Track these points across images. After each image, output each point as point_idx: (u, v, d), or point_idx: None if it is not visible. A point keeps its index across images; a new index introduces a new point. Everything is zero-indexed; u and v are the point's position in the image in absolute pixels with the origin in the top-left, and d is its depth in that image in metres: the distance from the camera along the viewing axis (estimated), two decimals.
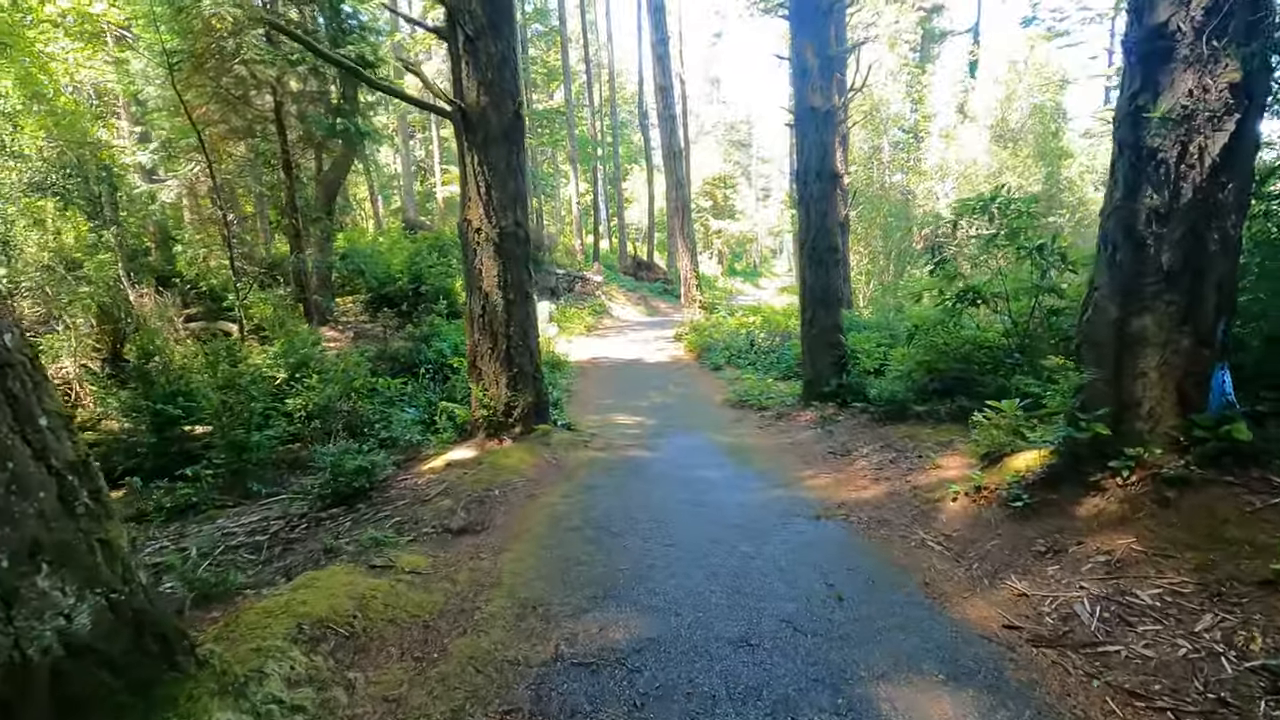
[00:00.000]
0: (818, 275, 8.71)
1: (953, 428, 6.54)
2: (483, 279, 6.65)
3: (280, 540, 4.94)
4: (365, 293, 17.14)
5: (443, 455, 6.72)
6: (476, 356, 6.89)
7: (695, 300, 17.47)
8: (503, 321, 6.69)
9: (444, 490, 5.64)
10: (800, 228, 8.88)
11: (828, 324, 8.78)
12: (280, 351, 8.60)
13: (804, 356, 9.16)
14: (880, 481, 5.42)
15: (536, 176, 29.36)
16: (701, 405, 10.18)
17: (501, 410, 6.81)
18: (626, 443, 7.51)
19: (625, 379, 12.71)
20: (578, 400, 10.72)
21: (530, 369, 6.96)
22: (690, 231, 17.51)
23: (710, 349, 14.38)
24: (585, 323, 18.84)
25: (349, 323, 16.73)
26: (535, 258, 21.43)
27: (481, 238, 6.57)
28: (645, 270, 27.59)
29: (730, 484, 5.75)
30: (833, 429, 7.74)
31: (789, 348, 13.21)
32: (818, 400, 8.79)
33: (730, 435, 8.06)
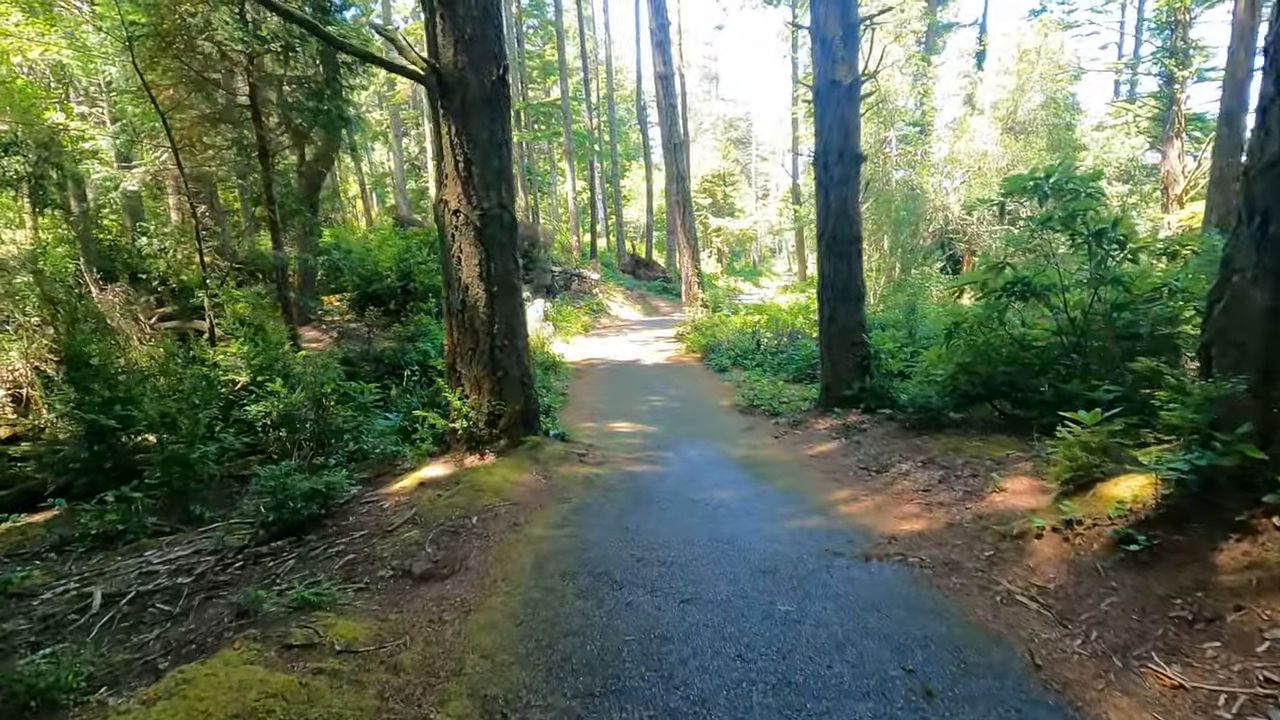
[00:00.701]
0: (838, 268, 7.78)
1: (1005, 440, 5.61)
2: (462, 269, 5.69)
3: (204, 585, 3.99)
4: (352, 290, 16.20)
5: (417, 472, 5.77)
6: (455, 359, 5.94)
7: (697, 298, 16.54)
8: (485, 319, 5.73)
9: (412, 517, 4.69)
10: (818, 216, 7.94)
11: (849, 322, 7.85)
12: (240, 353, 7.63)
13: (822, 357, 8.22)
14: (933, 508, 4.48)
15: (532, 173, 28.39)
16: (708, 411, 9.24)
17: (484, 420, 5.86)
18: (627, 456, 6.57)
19: (625, 381, 11.77)
20: (573, 405, 9.77)
21: (517, 373, 6.01)
22: (692, 227, 16.57)
23: (714, 349, 13.44)
24: (582, 322, 17.89)
25: (334, 322, 15.77)
26: (530, 254, 20.49)
27: (460, 221, 5.61)
28: (644, 268, 26.65)
29: (751, 509, 4.81)
30: (859, 439, 6.81)
31: (798, 348, 12.29)
32: (838, 406, 7.86)
33: (743, 446, 7.12)
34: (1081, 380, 5.48)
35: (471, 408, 5.83)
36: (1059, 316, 6.14)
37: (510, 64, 24.55)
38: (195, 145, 12.59)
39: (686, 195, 16.36)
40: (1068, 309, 5.96)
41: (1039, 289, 6.06)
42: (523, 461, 5.76)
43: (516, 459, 5.79)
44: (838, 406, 7.90)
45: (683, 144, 16.71)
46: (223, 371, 7.41)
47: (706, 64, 48.88)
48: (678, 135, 16.31)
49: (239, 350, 7.60)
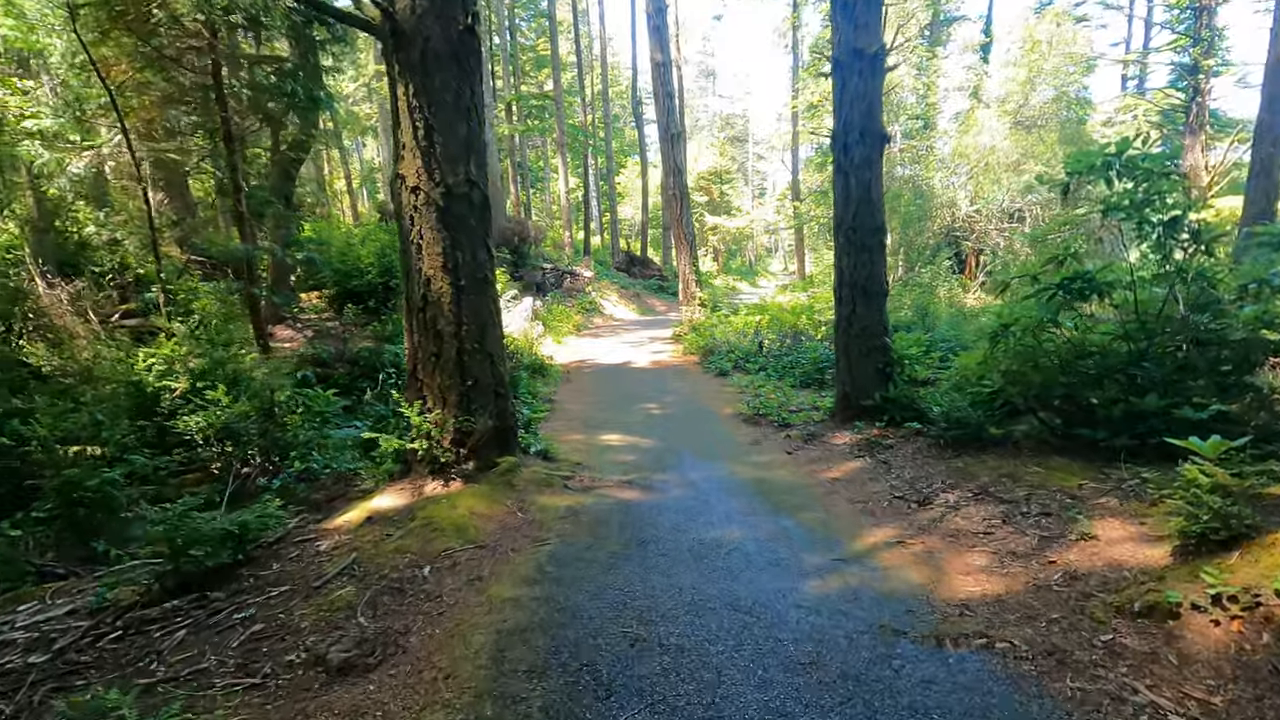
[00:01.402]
0: (859, 261, 6.81)
1: (1068, 465, 4.65)
2: (422, 258, 4.70)
3: (58, 670, 2.99)
4: (331, 287, 15.17)
5: (369, 500, 4.78)
6: (416, 365, 4.94)
7: (695, 297, 15.56)
8: (450, 318, 4.74)
9: (351, 566, 3.70)
10: (836, 203, 6.98)
11: (871, 322, 6.89)
12: (176, 355, 6.61)
13: (839, 362, 7.26)
14: (1004, 560, 3.52)
15: (524, 167, 27.34)
16: (709, 420, 8.27)
17: (450, 439, 4.87)
18: (620, 478, 5.58)
19: (618, 386, 10.78)
20: (561, 413, 8.78)
21: (491, 382, 5.01)
22: (689, 222, 15.60)
23: (713, 351, 12.46)
24: (574, 321, 16.88)
25: (310, 320, 14.73)
26: (520, 250, 19.51)
27: (419, 200, 4.61)
28: (639, 266, 25.66)
29: (772, 556, 3.83)
30: (886, 458, 5.85)
31: (804, 350, 11.34)
32: (858, 417, 6.91)
33: (752, 465, 6.15)
34: (1162, 394, 4.54)
35: (434, 424, 4.83)
36: (1125, 318, 5.20)
37: (503, 55, 23.40)
38: (155, 128, 11.54)
39: (684, 189, 15.38)
40: (1139, 310, 5.01)
41: (1103, 286, 5.10)
42: (495, 489, 4.77)
43: (487, 485, 4.79)
44: (857, 418, 6.95)
45: (680, 135, 15.73)
46: (155, 378, 6.38)
47: (704, 60, 47.85)
48: (675, 126, 15.32)
49: (173, 352, 6.57)
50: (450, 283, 4.69)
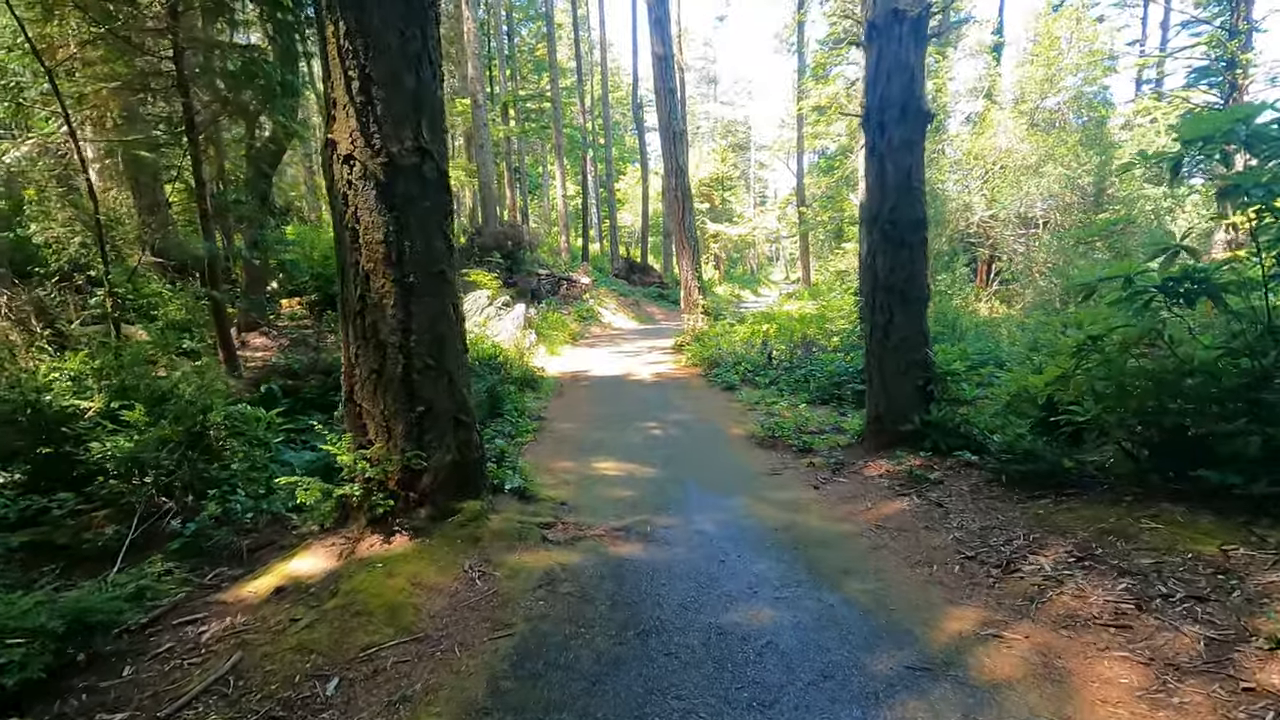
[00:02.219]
0: (897, 261, 5.72)
1: (1195, 518, 3.53)
2: (359, 249, 3.60)
3: None
4: (311, 293, 14.09)
5: (287, 562, 3.66)
6: (354, 386, 3.83)
7: (697, 305, 14.49)
8: (395, 324, 3.63)
9: (227, 675, 2.58)
10: (869, 193, 5.90)
11: (910, 333, 5.79)
12: (88, 369, 5.50)
13: (870, 379, 6.15)
14: (1164, 675, 2.39)
15: (520, 172, 26.33)
16: (718, 443, 7.15)
17: (395, 480, 3.76)
18: (611, 524, 4.46)
19: (616, 401, 9.67)
20: (550, 434, 7.67)
21: (449, 407, 3.90)
22: (691, 226, 14.54)
23: (719, 363, 11.36)
24: (570, 330, 15.79)
25: (288, 327, 13.64)
26: (515, 256, 18.46)
27: (355, 174, 3.52)
28: (639, 273, 24.59)
29: (822, 663, 2.70)
30: (938, 498, 4.74)
31: (817, 362, 10.24)
32: (895, 444, 5.80)
33: (773, 504, 5.03)
34: None
35: (376, 461, 3.72)
36: (1239, 328, 4.10)
37: (500, 58, 22.37)
38: (112, 117, 10.50)
39: (686, 190, 14.33)
40: (1271, 317, 3.91)
41: (1218, 287, 4.00)
42: (450, 545, 3.65)
43: (442, 541, 3.67)
44: (893, 444, 5.85)
45: (682, 134, 14.69)
46: (57, 396, 5.26)
47: (705, 66, 46.97)
48: (677, 124, 14.29)
49: (83, 365, 5.47)
50: (395, 280, 3.59)
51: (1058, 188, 16.03)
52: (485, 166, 17.26)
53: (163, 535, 4.72)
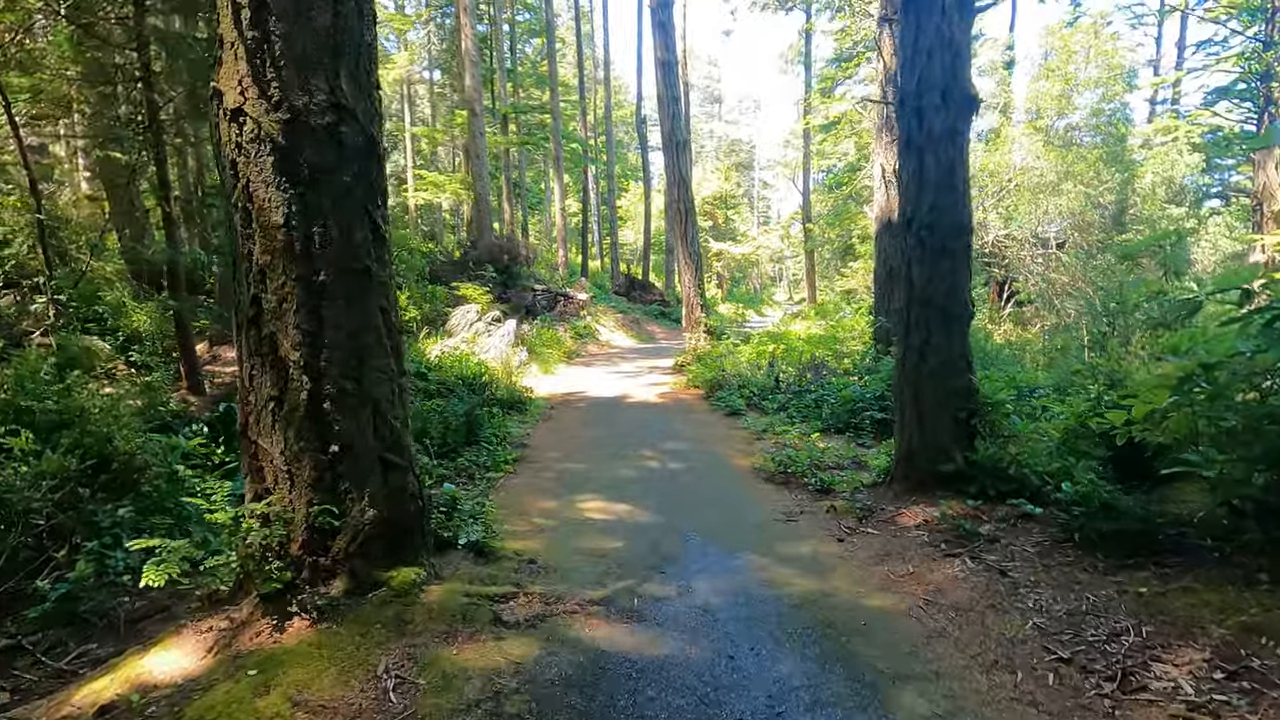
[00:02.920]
0: (936, 271, 4.79)
1: None
2: (253, 236, 2.68)
3: None
4: None
5: (143, 657, 2.69)
6: (249, 417, 2.88)
7: (700, 323, 13.57)
8: (301, 338, 2.71)
9: None
10: (904, 191, 4.99)
11: (951, 355, 4.85)
12: None
13: (903, 409, 5.18)
14: None
15: (520, 186, 25.59)
16: (723, 479, 6.19)
17: (299, 543, 2.80)
18: (591, 593, 3.48)
19: (609, 425, 8.70)
20: (531, 465, 6.70)
21: (374, 445, 2.96)
22: (694, 240, 13.67)
23: (722, 385, 10.41)
24: (565, 348, 14.87)
25: None
26: (510, 270, 17.59)
27: (246, 135, 2.63)
28: (640, 290, 23.72)
29: None
30: (998, 563, 3.76)
31: (829, 386, 9.29)
32: (937, 488, 4.83)
33: (793, 564, 4.05)
34: None
35: (279, 514, 2.77)
36: None
37: (500, 71, 21.71)
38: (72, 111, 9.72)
39: (689, 203, 13.49)
40: None
41: None
42: (366, 635, 2.68)
43: (355, 629, 2.70)
44: (932, 488, 4.87)
45: (686, 143, 13.90)
46: None
47: (710, 85, 46.59)
48: (680, 133, 13.50)
49: None
50: (299, 278, 2.67)
51: (1078, 206, 15.19)
52: (481, 178, 16.48)
53: (35, 597, 3.77)
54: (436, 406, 7.51)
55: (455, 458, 6.56)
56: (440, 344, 11.98)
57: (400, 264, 13.85)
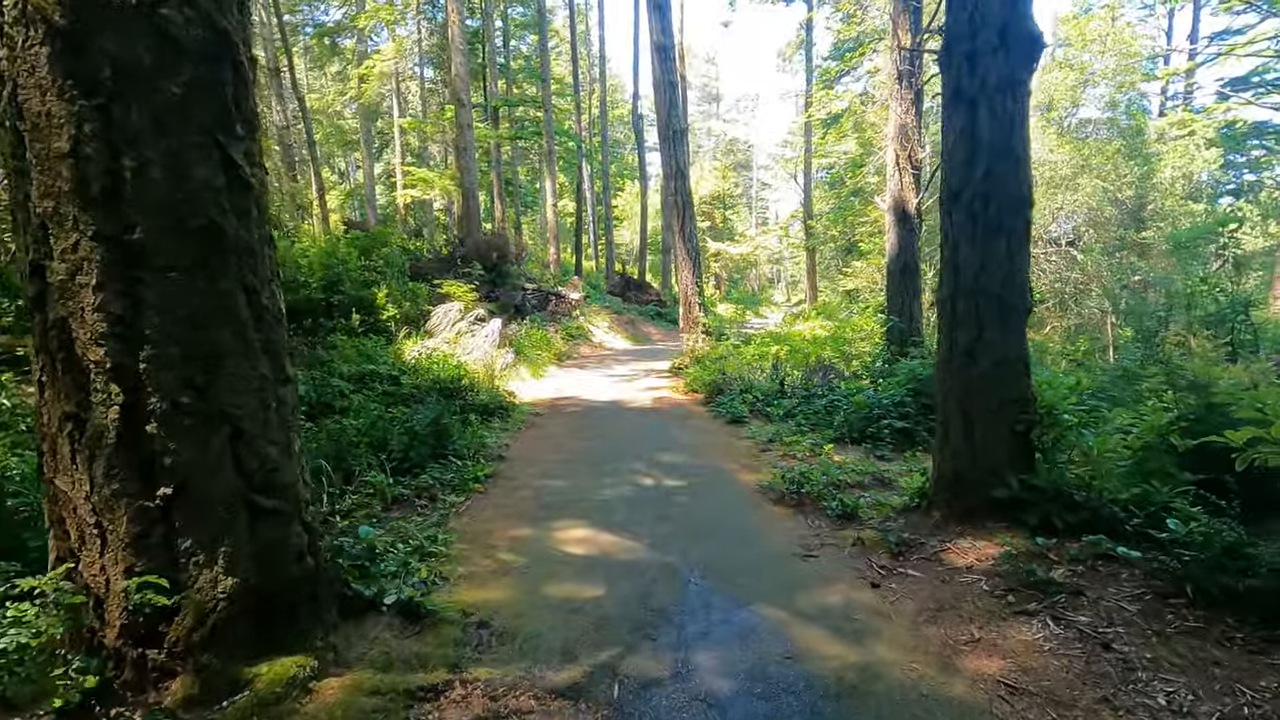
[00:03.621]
0: (989, 253, 3.88)
1: None
2: (28, 169, 1.74)
3: None
4: None
5: None
6: (45, 447, 1.94)
7: (698, 323, 12.67)
8: (109, 328, 1.78)
9: None
10: (948, 155, 4.07)
11: (1007, 355, 3.94)
12: None
13: (946, 420, 4.26)
14: None
15: (512, 184, 24.66)
16: (728, 500, 5.26)
17: (118, 625, 1.86)
18: (556, 674, 2.55)
19: (599, 434, 7.77)
20: (505, 485, 5.76)
21: (234, 481, 2.03)
22: (692, 235, 12.77)
23: (723, 389, 9.50)
24: (556, 349, 13.94)
25: None
26: (499, 268, 16.65)
27: (8, 14, 1.68)
28: (636, 290, 22.80)
29: None
30: (1093, 625, 2.86)
31: (841, 391, 8.38)
32: (989, 517, 3.93)
33: (821, 622, 3.13)
34: None
35: (94, 590, 1.84)
36: None
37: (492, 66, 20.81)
38: None
39: (687, 196, 12.59)
40: None
41: None
42: None
43: None
44: (983, 517, 3.97)
45: (683, 133, 13.00)
46: None
47: (707, 83, 45.70)
48: (677, 121, 12.60)
49: None
50: (99, 234, 1.73)
51: (1095, 201, 14.32)
52: (469, 172, 15.55)
53: None
54: (401, 415, 6.59)
55: (418, 474, 5.63)
56: (421, 345, 11.06)
57: (379, 260, 12.92)
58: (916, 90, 9.31)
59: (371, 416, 6.04)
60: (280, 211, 19.10)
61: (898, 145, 9.30)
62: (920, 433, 6.89)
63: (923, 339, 9.88)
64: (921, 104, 9.81)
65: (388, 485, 5.15)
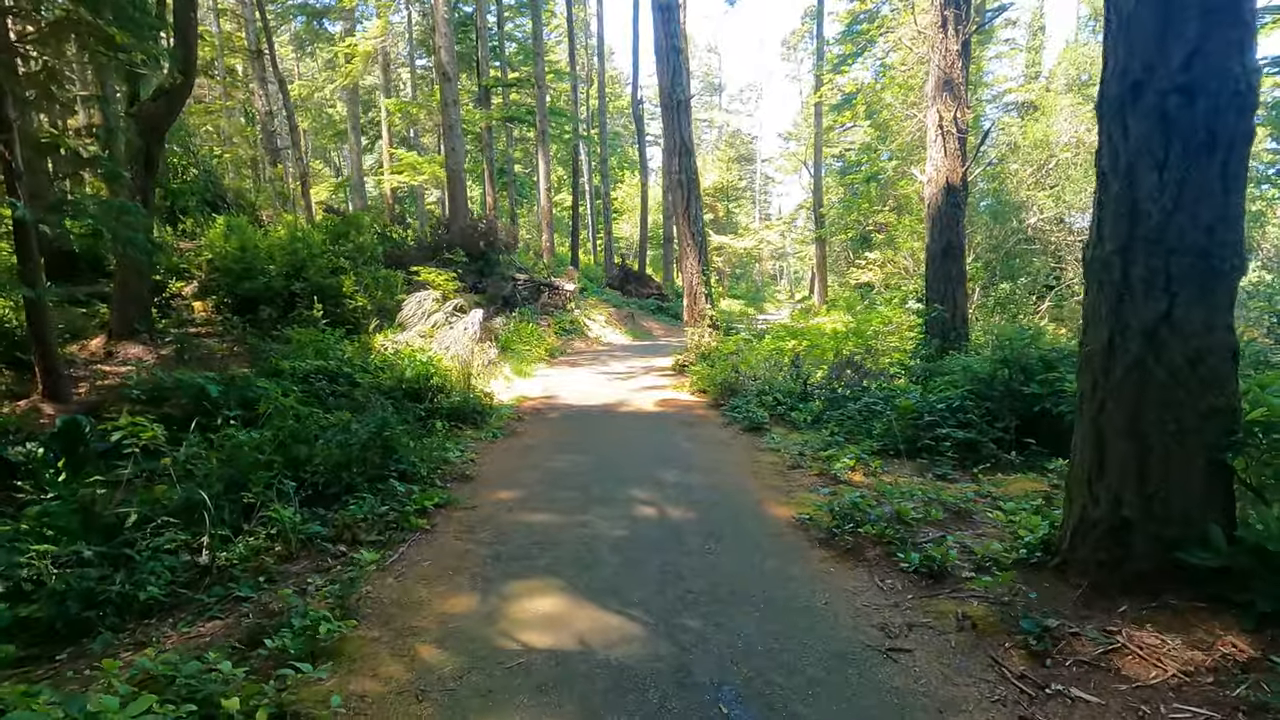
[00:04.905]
0: (1192, 182, 2.42)
1: None
2: None
3: None
4: (220, 292, 10.81)
5: None
6: None
7: (704, 315, 11.19)
8: None
9: None
10: (1125, 24, 2.60)
11: (1209, 345, 2.48)
12: None
13: (1095, 438, 2.79)
14: None
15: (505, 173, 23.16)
16: (758, 546, 3.79)
17: None
18: None
19: (588, 448, 6.30)
20: (461, 517, 4.30)
21: None
22: (698, 218, 11.31)
23: (736, 391, 8.05)
24: (547, 344, 12.47)
25: (196, 334, 10.37)
26: (486, 256, 15.21)
27: None
28: (635, 283, 21.31)
29: None
30: None
31: (880, 394, 6.93)
32: (1169, 587, 2.47)
33: None
34: None
35: None
36: None
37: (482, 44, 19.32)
38: None
39: (692, 174, 11.14)
40: None
41: None
42: None
43: None
44: (1162, 587, 2.51)
45: (687, 104, 11.52)
46: None
47: (709, 73, 44.09)
48: (681, 90, 11.13)
49: None
50: None
51: None
52: (455, 153, 14.07)
53: None
54: (339, 421, 5.13)
55: (347, 504, 4.18)
56: (393, 338, 9.62)
57: (348, 243, 11.46)
58: (964, 40, 7.84)
59: (290, 427, 4.57)
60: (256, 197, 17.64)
61: (941, 104, 7.83)
62: (987, 445, 5.45)
63: (968, 331, 8.43)
64: (968, 56, 8.30)
65: (295, 524, 3.70)
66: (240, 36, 22.91)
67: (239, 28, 23.24)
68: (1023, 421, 5.64)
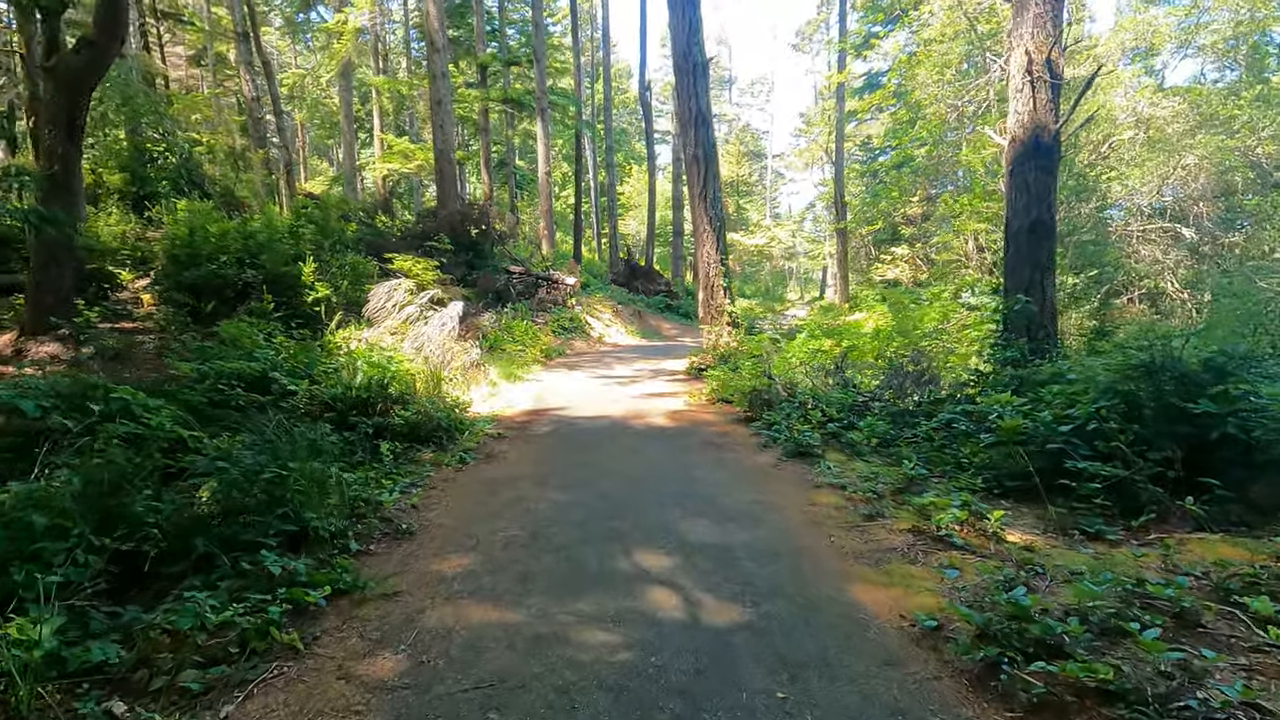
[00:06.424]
0: None
1: None
2: None
3: None
4: (164, 281, 9.23)
5: None
6: None
7: (723, 311, 9.51)
8: None
9: None
10: None
11: None
12: None
13: None
14: None
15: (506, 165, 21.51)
16: (864, 689, 2.09)
17: None
18: None
19: (583, 481, 4.60)
20: (366, 613, 2.62)
21: None
22: (717, 199, 9.65)
23: (770, 403, 6.33)
24: (542, 344, 10.80)
25: (132, 330, 8.79)
26: (478, 246, 13.55)
27: None
28: (642, 279, 19.64)
29: None
30: None
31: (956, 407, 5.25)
32: None
33: None
34: None
35: None
36: None
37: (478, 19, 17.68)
38: None
39: (710, 149, 9.50)
40: None
41: None
42: None
43: None
44: None
45: (704, 67, 9.87)
46: None
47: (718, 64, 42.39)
48: (698, 51, 9.48)
49: None
50: None
51: (1216, 163, 11.07)
52: (443, 130, 12.45)
53: None
54: (221, 450, 3.48)
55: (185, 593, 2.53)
56: (357, 335, 7.99)
57: (309, 225, 9.83)
58: None
59: (105, 470, 2.92)
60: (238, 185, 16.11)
61: (1032, 44, 6.13)
62: (1145, 486, 3.75)
63: (1056, 329, 6.72)
64: None
65: (48, 645, 2.04)
66: (230, 20, 21.38)
67: (230, 11, 21.74)
68: (1189, 451, 3.93)
